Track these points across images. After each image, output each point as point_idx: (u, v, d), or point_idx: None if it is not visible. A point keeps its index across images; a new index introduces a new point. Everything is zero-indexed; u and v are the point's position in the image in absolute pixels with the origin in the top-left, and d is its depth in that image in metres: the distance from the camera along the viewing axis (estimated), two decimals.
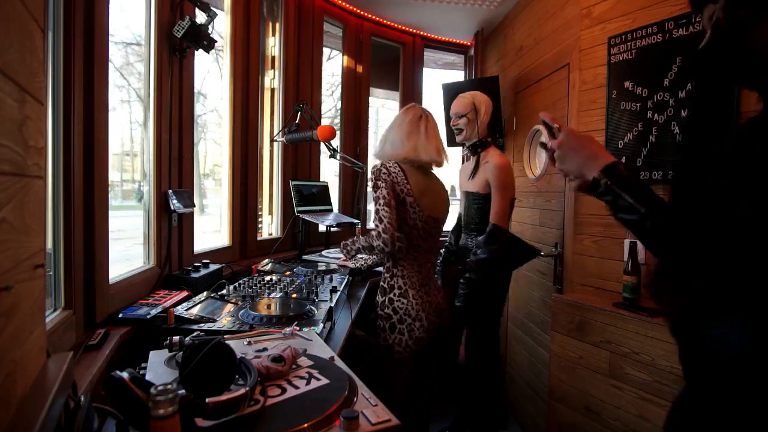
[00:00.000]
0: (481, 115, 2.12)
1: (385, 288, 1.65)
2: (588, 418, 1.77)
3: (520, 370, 2.67)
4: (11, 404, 0.56)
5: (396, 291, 1.62)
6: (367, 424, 0.69)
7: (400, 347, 1.59)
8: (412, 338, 1.59)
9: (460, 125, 2.14)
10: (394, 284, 1.63)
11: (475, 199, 2.08)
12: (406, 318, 1.59)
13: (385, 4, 2.99)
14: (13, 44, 0.57)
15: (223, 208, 2.22)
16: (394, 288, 1.63)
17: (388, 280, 1.65)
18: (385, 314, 1.62)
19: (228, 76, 2.14)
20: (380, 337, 1.63)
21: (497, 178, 1.99)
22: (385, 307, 1.62)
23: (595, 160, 0.83)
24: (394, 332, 1.60)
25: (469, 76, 3.60)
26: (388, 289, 1.64)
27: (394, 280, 1.64)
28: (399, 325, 1.59)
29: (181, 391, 0.63)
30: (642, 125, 1.77)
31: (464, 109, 2.13)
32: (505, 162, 2.03)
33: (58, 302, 1.09)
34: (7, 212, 0.55)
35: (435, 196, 1.69)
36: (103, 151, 1.22)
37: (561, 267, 2.24)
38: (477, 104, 2.12)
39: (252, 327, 1.22)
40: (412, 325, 1.59)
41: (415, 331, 1.59)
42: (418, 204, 1.59)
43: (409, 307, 1.60)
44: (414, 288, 1.62)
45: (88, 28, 1.16)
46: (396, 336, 1.59)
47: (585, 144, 0.86)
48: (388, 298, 1.63)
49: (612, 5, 1.91)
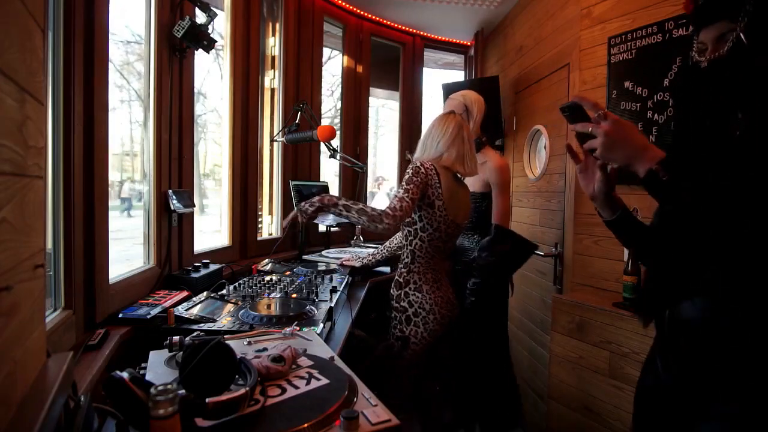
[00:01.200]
0: (474, 114, 2.09)
1: (400, 282, 1.71)
2: (588, 418, 1.77)
3: (520, 370, 2.67)
4: (11, 404, 0.56)
5: (411, 285, 1.68)
6: (367, 424, 0.69)
7: (416, 339, 1.66)
8: (427, 330, 1.65)
9: None
10: (410, 279, 1.69)
11: (473, 197, 2.07)
12: (421, 311, 1.66)
13: (385, 4, 2.99)
14: (13, 44, 0.57)
15: (223, 208, 2.22)
16: (410, 282, 1.69)
17: (404, 275, 1.71)
18: (401, 307, 1.69)
19: (228, 76, 2.14)
20: (396, 329, 1.68)
21: (498, 179, 1.99)
22: (401, 300, 1.69)
23: (645, 151, 0.83)
24: (410, 324, 1.66)
25: (469, 76, 3.60)
26: (404, 283, 1.70)
27: (410, 276, 1.69)
28: (414, 318, 1.66)
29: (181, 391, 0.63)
30: (642, 125, 1.77)
31: (456, 109, 2.11)
32: (505, 162, 2.04)
33: (58, 302, 1.09)
34: (7, 212, 0.55)
35: (461, 202, 1.73)
36: (103, 151, 1.22)
37: (561, 267, 2.24)
38: (469, 104, 2.09)
39: (252, 327, 1.22)
40: (426, 318, 1.65)
41: (429, 324, 1.65)
42: (446, 208, 1.64)
43: (423, 301, 1.66)
44: (428, 284, 1.69)
45: (88, 28, 1.16)
46: (412, 328, 1.66)
47: (634, 133, 0.85)
48: (404, 292, 1.69)
49: (612, 5, 1.91)
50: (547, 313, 2.22)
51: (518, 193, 2.84)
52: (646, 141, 0.84)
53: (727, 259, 0.80)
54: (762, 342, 0.77)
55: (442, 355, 1.84)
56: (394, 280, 1.75)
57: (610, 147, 0.85)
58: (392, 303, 1.73)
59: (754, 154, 0.76)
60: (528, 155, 2.70)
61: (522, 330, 2.68)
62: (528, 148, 2.69)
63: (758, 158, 0.75)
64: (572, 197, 2.11)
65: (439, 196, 1.62)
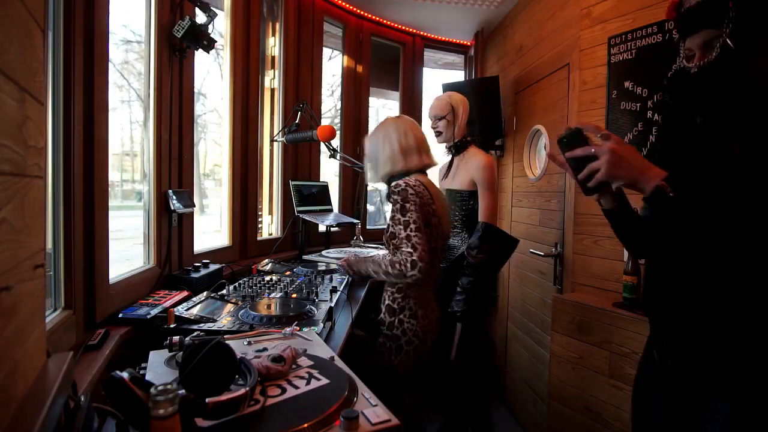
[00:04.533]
0: (459, 115, 2.10)
1: (394, 309, 1.56)
2: (588, 418, 1.77)
3: (520, 370, 2.67)
4: (11, 404, 0.56)
5: (406, 312, 1.54)
6: (367, 424, 0.69)
7: (404, 367, 1.55)
8: (416, 354, 1.55)
9: (440, 127, 2.13)
10: (405, 305, 1.55)
11: (459, 196, 2.08)
12: (414, 340, 1.54)
13: (385, 4, 2.99)
14: (13, 44, 0.57)
15: (223, 208, 2.22)
16: (405, 309, 1.55)
17: (399, 301, 1.55)
18: (393, 335, 1.55)
19: (228, 76, 2.14)
20: (383, 356, 1.56)
21: (484, 177, 1.99)
22: (394, 328, 1.55)
23: (650, 168, 0.85)
24: (401, 353, 1.54)
25: (469, 76, 3.60)
26: (398, 309, 1.55)
27: (406, 301, 1.55)
28: (406, 347, 1.54)
29: (181, 391, 0.63)
30: (642, 125, 1.77)
31: (442, 111, 2.12)
32: (491, 160, 2.04)
33: (58, 302, 1.09)
34: (7, 212, 0.55)
35: (446, 209, 1.65)
36: (103, 151, 1.22)
37: (561, 267, 2.24)
38: (455, 105, 2.11)
39: (252, 327, 1.22)
40: (418, 347, 1.55)
41: (419, 349, 1.55)
42: (440, 225, 1.54)
43: (417, 328, 1.54)
44: (423, 308, 1.57)
45: (88, 28, 1.16)
46: (402, 357, 1.54)
47: (637, 152, 0.88)
48: (398, 319, 1.54)
49: (612, 5, 1.91)
50: (547, 313, 2.22)
51: (518, 193, 2.84)
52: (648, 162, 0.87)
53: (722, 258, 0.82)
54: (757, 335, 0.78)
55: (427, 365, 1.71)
56: (385, 305, 1.60)
57: (616, 164, 0.86)
58: (383, 329, 1.59)
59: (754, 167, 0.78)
60: (528, 155, 2.70)
61: (522, 330, 2.68)
62: (528, 148, 2.69)
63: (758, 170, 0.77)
64: (572, 197, 2.11)
65: (435, 213, 1.51)
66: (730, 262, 0.80)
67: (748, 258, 0.78)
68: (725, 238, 0.78)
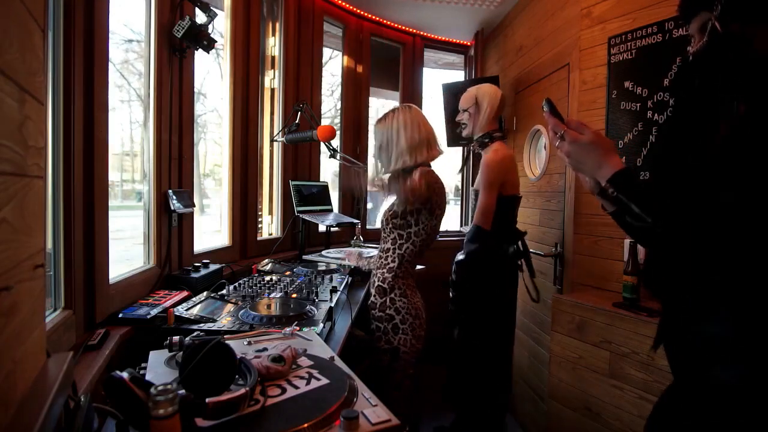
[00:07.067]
0: (483, 107, 2.05)
1: (384, 288, 1.62)
2: (588, 418, 1.77)
3: (520, 370, 2.67)
4: (11, 404, 0.56)
5: (397, 291, 1.61)
6: (367, 424, 0.69)
7: (406, 347, 1.58)
8: (415, 336, 1.59)
9: (463, 120, 2.12)
10: (395, 284, 1.62)
11: (475, 195, 2.08)
12: (408, 317, 1.58)
13: (385, 4, 2.99)
14: (13, 44, 0.57)
15: (223, 208, 2.22)
16: (395, 288, 1.61)
17: (389, 280, 1.62)
18: (387, 315, 1.60)
19: (228, 76, 2.14)
20: (382, 340, 1.59)
21: (482, 176, 1.96)
22: (386, 307, 1.60)
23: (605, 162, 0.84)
24: (398, 333, 1.58)
25: (469, 76, 3.60)
26: (389, 289, 1.62)
27: (395, 281, 1.62)
28: (402, 325, 1.58)
29: (181, 391, 0.63)
30: (642, 125, 1.77)
31: (466, 104, 2.10)
32: (494, 158, 1.96)
33: (58, 302, 1.09)
34: (7, 212, 0.55)
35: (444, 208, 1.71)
36: (103, 151, 1.22)
37: (561, 267, 2.24)
38: (479, 98, 2.08)
39: (252, 327, 1.22)
40: (413, 323, 1.59)
41: (416, 329, 1.60)
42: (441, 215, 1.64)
43: (410, 306, 1.60)
44: (410, 289, 1.64)
45: (88, 28, 1.16)
46: (401, 336, 1.58)
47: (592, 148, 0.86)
48: (389, 298, 1.61)
49: (612, 5, 1.91)
50: (547, 313, 2.22)
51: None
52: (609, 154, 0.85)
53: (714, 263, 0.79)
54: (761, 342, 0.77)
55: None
56: (375, 287, 1.64)
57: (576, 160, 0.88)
58: (375, 313, 1.62)
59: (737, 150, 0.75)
60: (528, 155, 2.70)
61: (522, 330, 2.68)
62: (528, 148, 2.69)
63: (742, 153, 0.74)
64: (572, 197, 2.11)
65: (441, 206, 1.58)
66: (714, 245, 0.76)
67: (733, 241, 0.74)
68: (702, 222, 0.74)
